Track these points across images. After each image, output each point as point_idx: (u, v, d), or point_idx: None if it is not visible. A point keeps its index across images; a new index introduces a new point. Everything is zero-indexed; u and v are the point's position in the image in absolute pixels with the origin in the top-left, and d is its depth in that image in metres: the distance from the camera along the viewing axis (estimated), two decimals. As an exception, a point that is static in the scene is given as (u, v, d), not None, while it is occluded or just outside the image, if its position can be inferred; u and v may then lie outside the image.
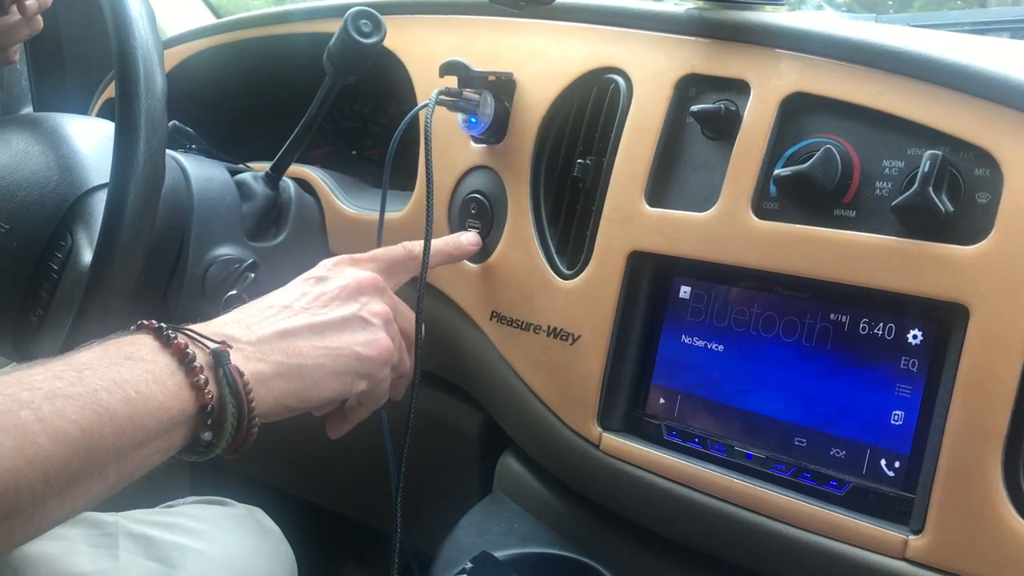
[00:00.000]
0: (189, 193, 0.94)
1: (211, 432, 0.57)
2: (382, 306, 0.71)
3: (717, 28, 0.76)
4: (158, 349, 0.57)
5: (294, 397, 0.63)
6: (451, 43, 0.96)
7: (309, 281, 0.71)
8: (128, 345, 0.56)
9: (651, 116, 0.77)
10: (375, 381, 0.70)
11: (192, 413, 0.56)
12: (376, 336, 0.69)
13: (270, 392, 0.61)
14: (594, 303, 0.77)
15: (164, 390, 0.55)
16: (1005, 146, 0.59)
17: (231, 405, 0.57)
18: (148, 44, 0.75)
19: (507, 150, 0.88)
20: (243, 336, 0.62)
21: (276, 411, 0.62)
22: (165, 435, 0.55)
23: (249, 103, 1.31)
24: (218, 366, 0.58)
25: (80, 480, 0.50)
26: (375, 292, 0.72)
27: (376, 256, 0.77)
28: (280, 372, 0.62)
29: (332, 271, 0.72)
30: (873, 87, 0.66)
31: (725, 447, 0.70)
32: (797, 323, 0.68)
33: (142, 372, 0.54)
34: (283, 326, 0.64)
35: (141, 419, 0.53)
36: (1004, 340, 0.57)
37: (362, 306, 0.70)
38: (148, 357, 0.56)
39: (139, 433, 0.53)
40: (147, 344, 0.57)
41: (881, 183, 0.65)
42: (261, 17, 1.21)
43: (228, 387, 0.57)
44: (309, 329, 0.65)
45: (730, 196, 0.70)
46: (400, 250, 0.79)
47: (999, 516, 0.56)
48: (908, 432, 0.62)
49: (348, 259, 0.75)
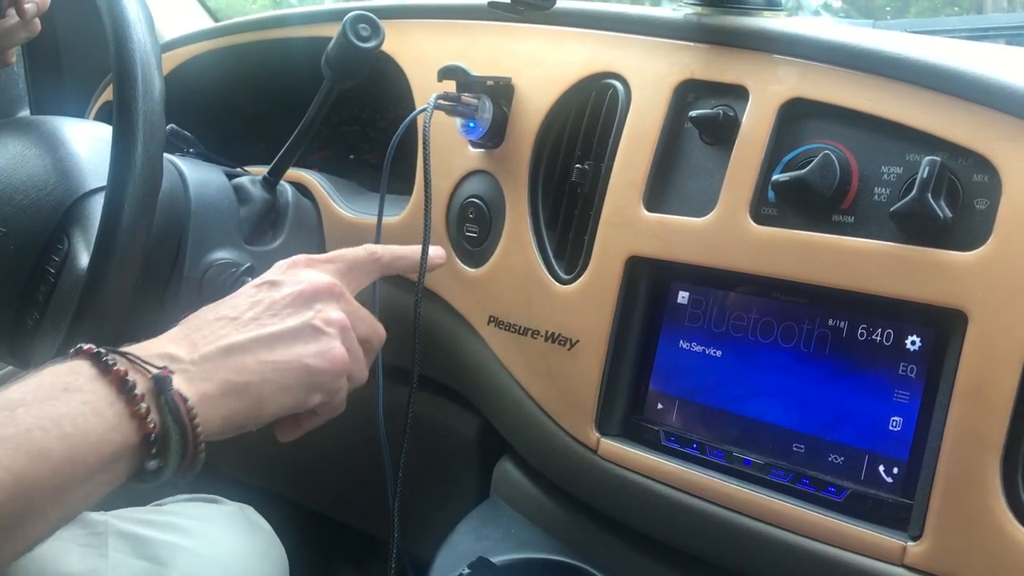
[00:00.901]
0: (186, 197, 0.94)
1: (156, 460, 0.55)
2: (338, 313, 0.67)
3: (715, 34, 0.76)
4: (96, 377, 0.54)
5: (242, 416, 0.60)
6: (450, 48, 0.96)
7: (262, 287, 0.67)
8: (65, 375, 0.54)
9: (649, 121, 0.77)
10: (329, 393, 0.66)
11: (135, 443, 0.53)
12: (329, 346, 0.65)
13: (217, 413, 0.58)
14: (592, 308, 0.77)
15: (104, 422, 0.52)
16: (1003, 152, 0.59)
17: (175, 432, 0.55)
18: (146, 47, 0.75)
19: (505, 155, 0.88)
20: (186, 356, 0.59)
21: (225, 430, 0.60)
22: (108, 467, 0.52)
23: (247, 107, 1.31)
24: (159, 393, 0.55)
25: (17, 525, 0.48)
26: (331, 298, 0.68)
27: (335, 258, 0.73)
28: (226, 391, 0.59)
29: (287, 274, 0.69)
30: (871, 93, 0.66)
31: (723, 453, 0.69)
32: (795, 329, 0.68)
33: (79, 404, 0.52)
34: (228, 341, 0.61)
35: (80, 455, 0.50)
36: (1003, 346, 0.57)
37: (316, 313, 0.66)
38: (86, 387, 0.53)
39: (79, 470, 0.50)
40: (84, 372, 0.54)
41: (879, 189, 0.65)
42: (259, 21, 1.21)
43: (170, 414, 0.55)
44: (256, 342, 0.62)
45: (728, 201, 0.70)
46: (362, 252, 0.75)
47: (997, 523, 0.56)
48: (906, 438, 0.62)
49: (305, 260, 0.71)
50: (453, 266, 0.91)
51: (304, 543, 1.17)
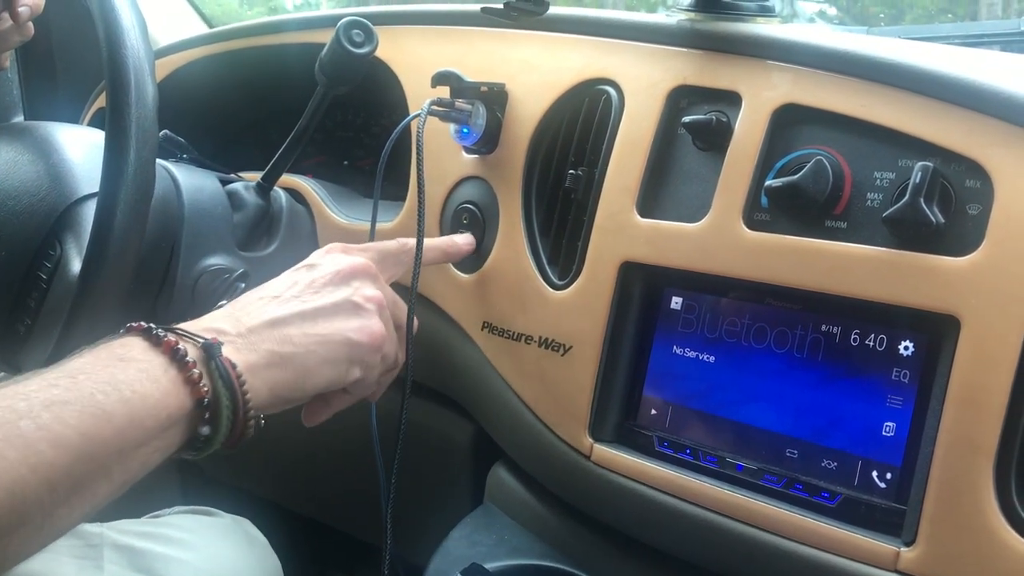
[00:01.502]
0: (180, 203, 0.94)
1: (209, 426, 0.57)
2: (375, 291, 0.70)
3: (709, 40, 0.76)
4: (149, 348, 0.56)
5: (288, 387, 0.63)
6: (444, 54, 0.96)
7: (300, 270, 0.71)
8: (119, 347, 0.56)
9: (643, 127, 0.77)
10: (367, 368, 0.69)
11: (189, 408, 0.56)
12: (368, 322, 0.68)
13: (264, 383, 0.61)
14: (586, 313, 0.77)
15: (159, 388, 0.55)
16: (996, 158, 0.59)
17: (225, 397, 0.57)
18: (139, 53, 0.75)
19: (499, 160, 0.88)
20: (232, 329, 0.62)
21: (272, 402, 0.62)
22: (164, 432, 0.55)
23: (241, 113, 1.31)
24: (209, 359, 0.58)
25: (85, 485, 0.50)
26: (368, 277, 0.71)
27: (369, 247, 0.76)
28: (272, 362, 0.62)
29: (324, 258, 0.72)
30: (864, 99, 0.66)
31: (717, 458, 0.69)
32: (788, 334, 0.68)
33: (136, 372, 0.54)
34: (272, 315, 0.64)
35: (139, 418, 0.53)
36: (995, 351, 0.57)
37: (354, 291, 0.69)
38: (140, 357, 0.56)
39: (139, 432, 0.53)
40: (138, 345, 0.57)
41: (872, 194, 0.65)
42: (253, 27, 1.21)
43: (221, 379, 0.57)
44: (299, 316, 0.65)
45: (721, 207, 0.70)
46: (394, 243, 0.79)
47: (990, 528, 0.56)
48: (899, 444, 0.62)
49: (340, 247, 0.74)
50: (447, 272, 0.91)
51: (298, 550, 1.17)
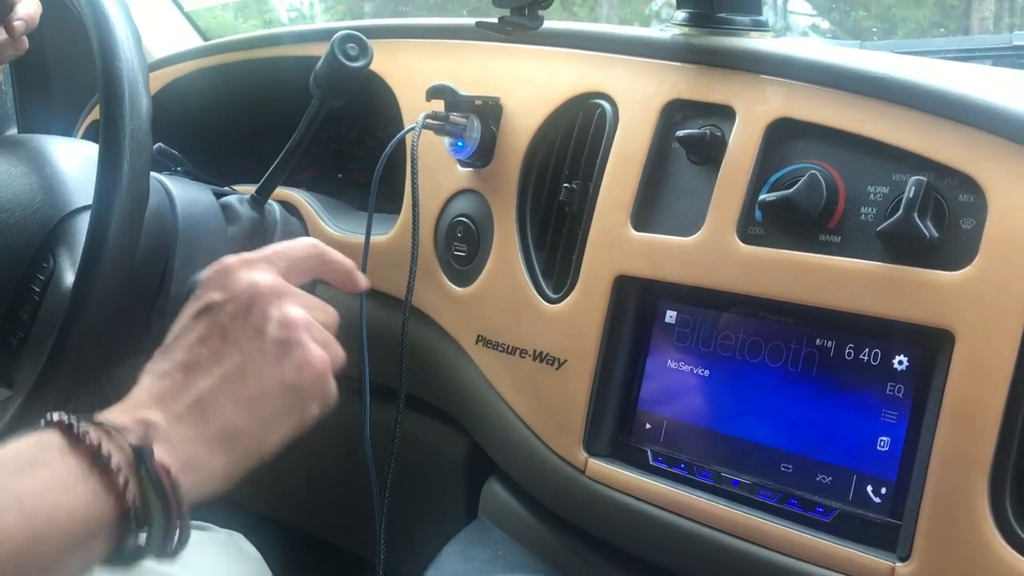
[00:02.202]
0: (174, 216, 0.93)
1: (135, 538, 0.50)
2: (296, 311, 0.59)
3: (702, 54, 0.77)
4: (67, 449, 0.49)
5: (244, 460, 0.55)
6: (438, 67, 0.96)
7: (202, 315, 0.59)
8: (31, 449, 0.49)
9: (637, 141, 0.77)
10: (323, 396, 0.59)
11: (112, 520, 0.48)
12: (302, 355, 0.57)
13: (215, 472, 0.53)
14: (580, 327, 0.77)
15: (74, 499, 0.47)
16: (989, 172, 0.59)
17: (157, 507, 0.49)
18: (133, 66, 0.75)
19: (493, 174, 0.88)
20: (163, 419, 0.53)
21: (227, 482, 0.55)
22: (81, 547, 0.48)
23: (236, 126, 1.31)
24: (140, 464, 0.50)
25: None
26: (275, 296, 0.59)
27: (273, 257, 0.63)
28: (218, 447, 0.54)
29: (220, 286, 0.60)
30: (858, 113, 0.66)
31: (711, 473, 0.69)
32: (783, 348, 0.68)
33: (46, 480, 0.47)
34: (197, 392, 0.55)
35: (46, 536, 0.46)
36: (989, 366, 0.57)
37: (272, 324, 0.58)
38: (54, 461, 0.48)
39: (45, 552, 0.46)
40: (54, 445, 0.49)
41: (866, 208, 0.65)
42: (248, 40, 1.21)
43: (152, 486, 0.49)
44: (223, 381, 0.55)
45: (715, 221, 0.70)
46: (302, 246, 0.66)
47: (985, 543, 0.56)
48: (894, 458, 0.62)
49: (237, 262, 0.62)
50: (441, 285, 0.91)
51: (291, 565, 1.16)
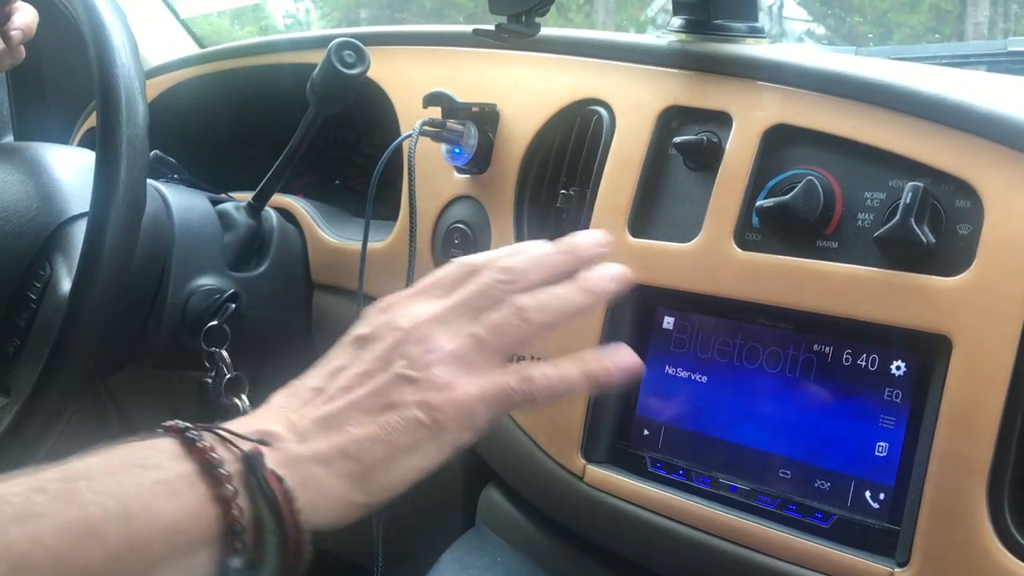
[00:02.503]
0: (170, 223, 0.94)
1: (246, 555, 0.46)
2: (441, 342, 0.53)
3: (699, 60, 0.77)
4: (177, 454, 0.46)
5: (363, 491, 0.50)
6: (435, 74, 0.96)
7: (350, 346, 0.56)
8: (142, 449, 0.46)
9: (634, 147, 0.77)
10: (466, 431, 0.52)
11: (217, 533, 0.45)
12: (430, 396, 0.51)
13: (330, 494, 0.49)
14: (578, 333, 0.77)
15: (179, 506, 0.44)
16: (985, 178, 0.59)
17: (269, 520, 0.46)
18: (130, 74, 0.75)
19: (491, 180, 0.88)
20: (285, 432, 0.50)
21: (345, 513, 0.50)
22: (181, 560, 0.44)
23: (232, 133, 1.31)
24: (250, 473, 0.46)
25: None
26: (428, 328, 0.53)
27: (436, 282, 0.57)
28: (336, 470, 0.49)
29: (377, 320, 0.56)
30: (854, 119, 0.66)
31: (709, 479, 0.69)
32: (781, 354, 0.68)
33: (152, 483, 0.44)
34: (324, 412, 0.51)
35: (142, 542, 0.43)
36: (987, 371, 0.57)
37: (408, 362, 0.52)
38: (164, 464, 0.45)
39: (139, 560, 0.43)
40: (165, 449, 0.46)
41: (863, 214, 0.65)
42: (245, 47, 1.22)
43: (263, 497, 0.46)
44: (352, 407, 0.51)
45: (713, 227, 0.71)
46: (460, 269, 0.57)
47: (984, 548, 0.56)
48: (892, 464, 0.62)
49: (400, 298, 0.57)
50: (438, 292, 0.91)
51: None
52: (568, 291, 0.56)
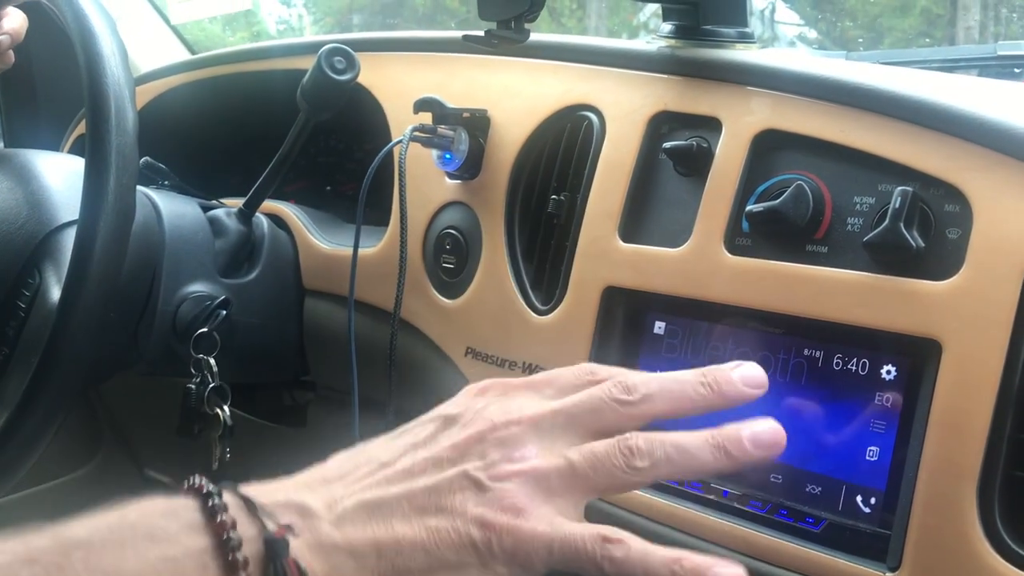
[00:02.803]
0: (160, 229, 0.93)
1: None
2: (527, 453, 0.46)
3: (689, 66, 0.77)
4: (194, 526, 0.41)
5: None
6: (426, 80, 0.96)
7: (434, 422, 0.49)
8: (158, 515, 0.41)
9: (624, 153, 0.77)
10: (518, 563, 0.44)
11: None
12: (494, 515, 0.44)
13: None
14: (569, 338, 0.77)
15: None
16: (974, 182, 0.60)
17: None
18: (119, 81, 0.75)
19: (481, 186, 0.88)
20: (321, 510, 0.44)
21: None
22: None
23: (223, 139, 1.31)
24: (270, 561, 0.41)
25: None
26: (527, 431, 0.47)
27: (550, 380, 0.51)
28: (366, 567, 0.43)
29: (469, 402, 0.50)
30: (843, 124, 0.66)
31: (701, 484, 0.69)
32: (771, 358, 0.68)
33: (158, 560, 0.39)
34: (374, 495, 0.45)
35: None
36: (977, 375, 0.57)
37: (483, 463, 0.46)
38: (175, 537, 0.40)
39: None
40: (183, 517, 0.42)
41: (852, 219, 0.65)
42: (236, 53, 1.21)
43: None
44: (406, 499, 0.45)
45: (703, 232, 0.71)
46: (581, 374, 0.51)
47: (975, 552, 0.56)
48: (883, 468, 0.62)
49: (501, 386, 0.51)
50: (430, 297, 0.91)
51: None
52: (698, 446, 0.47)
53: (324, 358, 1.06)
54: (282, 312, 1.03)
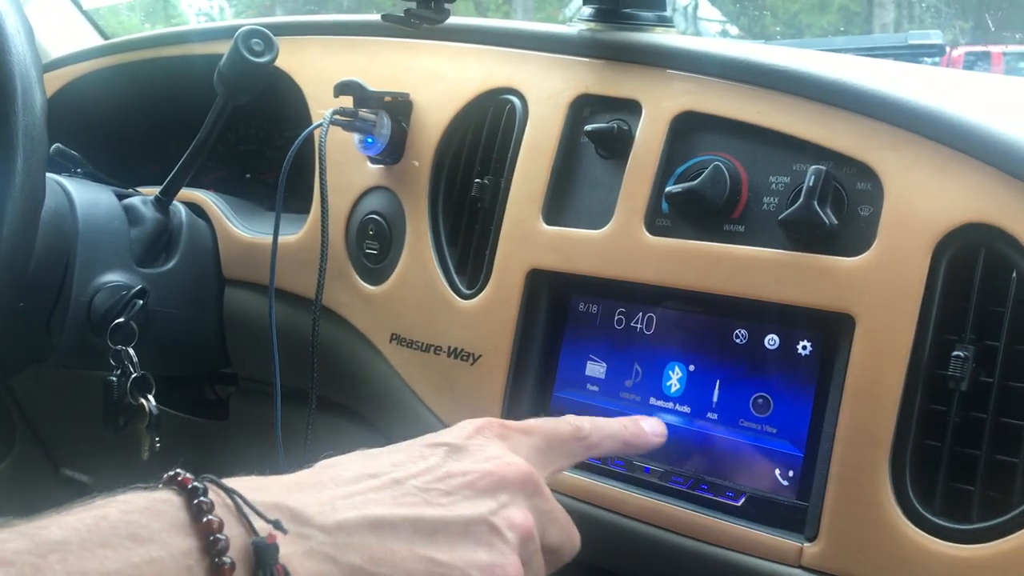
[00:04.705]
0: (73, 217, 0.91)
1: None
2: (524, 515, 0.49)
3: (609, 49, 0.77)
4: (179, 526, 0.40)
5: None
6: (347, 64, 0.95)
7: (439, 448, 0.51)
8: (140, 513, 0.39)
9: (546, 136, 0.77)
10: None
11: None
12: (504, 560, 0.47)
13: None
14: (494, 321, 0.77)
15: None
16: (885, 160, 0.61)
17: None
18: (25, 60, 0.72)
19: (404, 170, 0.87)
20: (316, 515, 0.43)
21: None
22: None
23: (140, 127, 1.28)
24: (258, 567, 0.40)
25: None
26: (523, 491, 0.50)
27: (534, 429, 0.56)
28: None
29: (473, 441, 0.52)
30: (759, 105, 0.67)
31: (624, 462, 0.70)
32: (692, 336, 0.68)
33: (141, 562, 0.37)
34: (379, 512, 0.45)
35: None
36: (889, 348, 0.58)
37: (500, 507, 0.48)
38: (160, 537, 0.39)
39: None
40: (167, 514, 0.40)
41: (768, 198, 0.66)
42: (152, 38, 1.19)
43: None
44: (413, 525, 0.45)
45: (624, 213, 0.71)
46: (565, 427, 0.58)
47: (888, 520, 0.57)
48: (800, 442, 0.63)
49: (499, 427, 0.54)
50: (353, 284, 0.90)
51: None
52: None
53: (245, 349, 1.04)
54: (201, 302, 1.01)
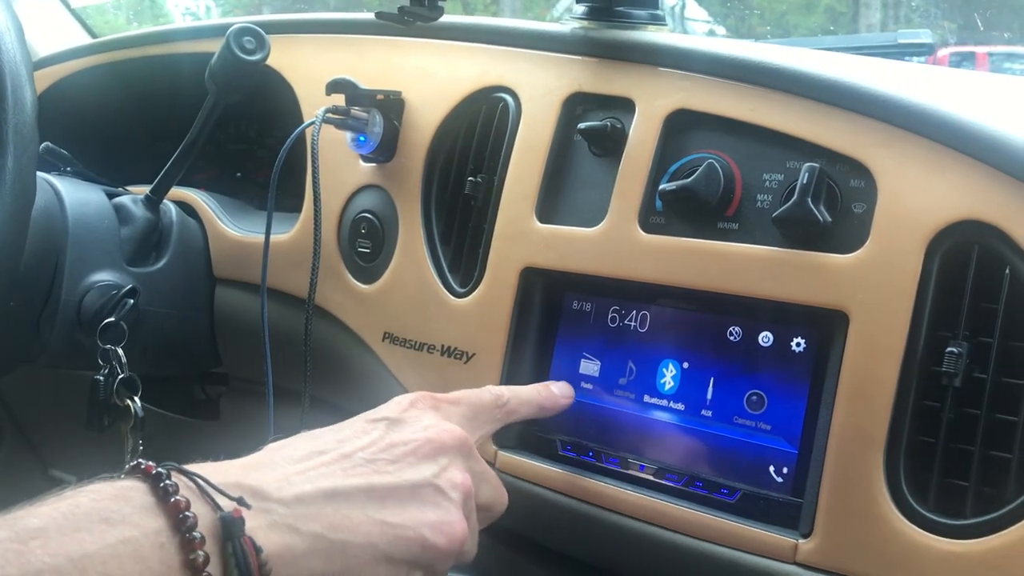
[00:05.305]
0: (63, 216, 0.90)
1: None
2: (463, 475, 0.56)
3: (602, 47, 0.77)
4: (147, 508, 0.43)
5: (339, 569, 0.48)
6: (339, 62, 0.95)
7: (379, 423, 0.56)
8: (109, 499, 0.42)
9: (540, 134, 0.77)
10: (435, 571, 0.53)
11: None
12: (450, 517, 0.53)
13: (303, 569, 0.47)
14: (488, 320, 0.77)
15: (143, 570, 0.41)
16: (878, 158, 0.61)
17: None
18: (15, 58, 0.72)
19: (397, 169, 0.87)
20: (275, 491, 0.47)
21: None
22: None
23: (129, 126, 1.27)
24: (227, 539, 0.43)
25: None
26: (459, 454, 0.56)
27: (461, 400, 0.62)
28: (316, 548, 0.47)
29: (409, 413, 0.57)
30: (752, 103, 0.68)
31: (619, 459, 0.70)
32: (687, 334, 0.69)
33: (117, 543, 0.40)
34: (332, 484, 0.49)
35: None
36: (882, 344, 0.58)
37: (440, 471, 0.54)
38: (131, 519, 0.42)
39: None
40: (135, 499, 0.43)
41: (762, 196, 0.66)
42: (141, 37, 1.18)
43: (236, 568, 0.43)
44: (367, 493, 0.50)
45: (618, 211, 0.71)
46: (487, 396, 0.64)
47: (883, 516, 0.57)
48: (795, 438, 0.63)
49: (430, 399, 0.60)
50: (345, 283, 0.89)
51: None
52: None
53: (237, 349, 1.04)
54: (192, 301, 1.00)
